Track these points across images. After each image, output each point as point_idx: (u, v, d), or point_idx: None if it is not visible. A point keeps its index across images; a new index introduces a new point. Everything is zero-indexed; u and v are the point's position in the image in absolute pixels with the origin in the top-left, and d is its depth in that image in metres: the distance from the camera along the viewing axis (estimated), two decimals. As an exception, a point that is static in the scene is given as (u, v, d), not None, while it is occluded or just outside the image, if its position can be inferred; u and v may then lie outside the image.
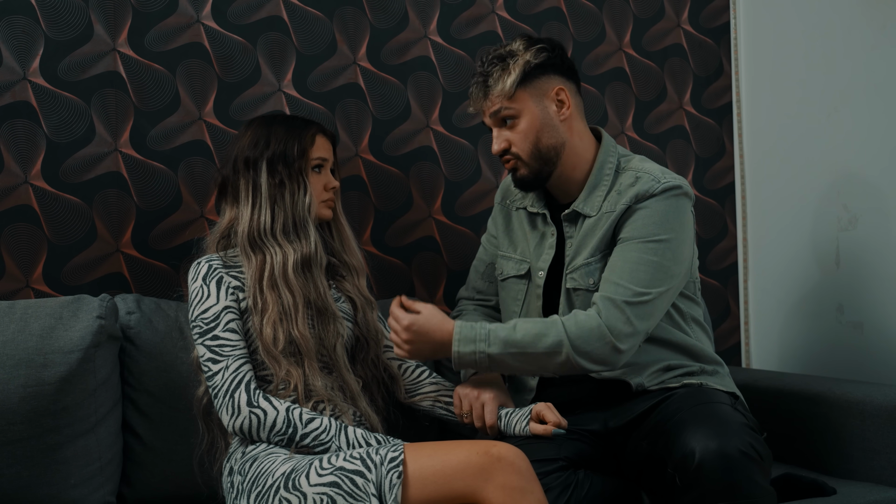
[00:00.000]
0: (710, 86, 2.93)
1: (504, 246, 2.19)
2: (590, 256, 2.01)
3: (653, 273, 1.93)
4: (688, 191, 2.02)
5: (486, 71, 2.03)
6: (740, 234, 2.94)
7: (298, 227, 1.94)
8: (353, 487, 1.64)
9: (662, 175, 2.01)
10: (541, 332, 1.88)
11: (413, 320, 1.90)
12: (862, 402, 2.20)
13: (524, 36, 2.08)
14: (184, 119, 2.35)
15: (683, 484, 1.71)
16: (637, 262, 1.93)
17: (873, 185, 2.52)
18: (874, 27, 2.50)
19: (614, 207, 2.00)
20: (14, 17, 2.22)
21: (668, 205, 1.98)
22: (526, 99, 2.01)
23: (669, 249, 1.96)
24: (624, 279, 1.92)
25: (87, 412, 2.00)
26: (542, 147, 2.02)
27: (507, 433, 1.95)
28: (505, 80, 2.00)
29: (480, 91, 2.03)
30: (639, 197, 1.98)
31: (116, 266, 2.28)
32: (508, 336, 1.88)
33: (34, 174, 2.22)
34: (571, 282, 2.02)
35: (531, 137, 2.02)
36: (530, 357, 1.89)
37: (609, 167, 2.06)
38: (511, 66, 2.00)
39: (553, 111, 2.03)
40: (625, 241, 1.97)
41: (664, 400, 1.91)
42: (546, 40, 2.06)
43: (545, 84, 2.03)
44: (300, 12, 2.47)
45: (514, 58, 2.01)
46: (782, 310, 2.81)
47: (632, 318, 1.89)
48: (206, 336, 1.86)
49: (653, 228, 1.96)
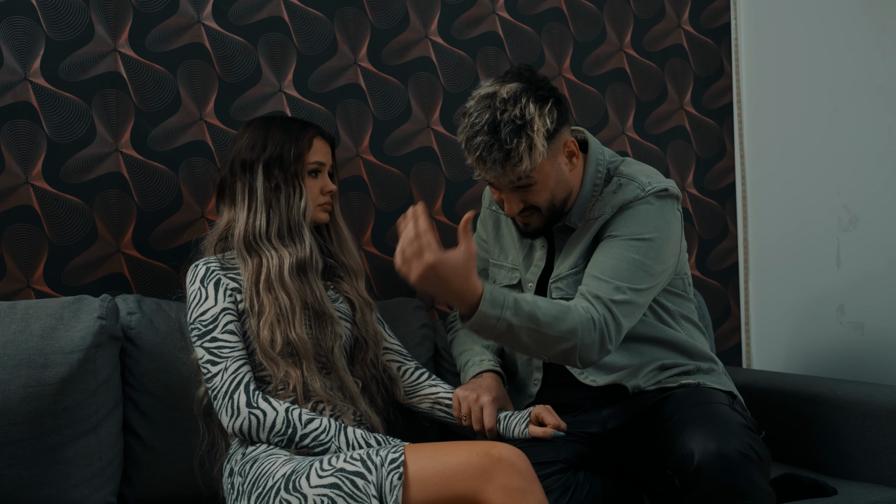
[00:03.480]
0: (711, 86, 2.93)
1: (495, 253, 2.19)
2: (574, 266, 2.00)
3: (633, 271, 1.91)
4: (674, 191, 2.00)
5: (503, 145, 1.85)
6: (741, 234, 2.94)
7: (293, 231, 1.94)
8: (353, 489, 1.64)
9: (647, 181, 1.99)
10: (559, 316, 1.80)
11: (440, 260, 1.66)
12: (863, 402, 2.20)
13: (526, 88, 1.90)
14: (184, 119, 2.35)
15: (683, 485, 1.71)
16: (619, 258, 1.91)
17: (874, 185, 2.52)
18: (874, 27, 2.50)
19: (598, 214, 1.99)
20: (15, 18, 2.22)
21: (652, 205, 1.97)
22: (544, 164, 1.92)
23: (652, 249, 1.94)
24: (606, 274, 1.90)
25: (87, 412, 2.00)
26: (557, 200, 1.98)
27: (506, 436, 1.95)
28: (532, 156, 1.87)
29: (498, 166, 1.87)
30: (623, 206, 1.97)
31: (117, 266, 2.28)
32: (532, 311, 1.77)
33: (35, 174, 2.23)
34: (557, 291, 2.01)
35: (546, 196, 1.96)
36: (542, 337, 1.79)
37: (599, 176, 2.04)
38: (534, 139, 1.86)
39: (564, 164, 1.96)
40: (609, 238, 1.95)
41: (662, 401, 1.92)
42: (543, 85, 1.92)
43: (558, 142, 1.94)
44: (301, 13, 2.47)
45: (533, 126, 1.87)
46: (783, 310, 2.81)
47: (618, 315, 1.86)
48: (204, 338, 1.86)
49: (637, 227, 1.94)
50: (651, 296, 1.96)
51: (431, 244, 1.66)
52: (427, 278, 1.67)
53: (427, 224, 1.67)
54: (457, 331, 2.24)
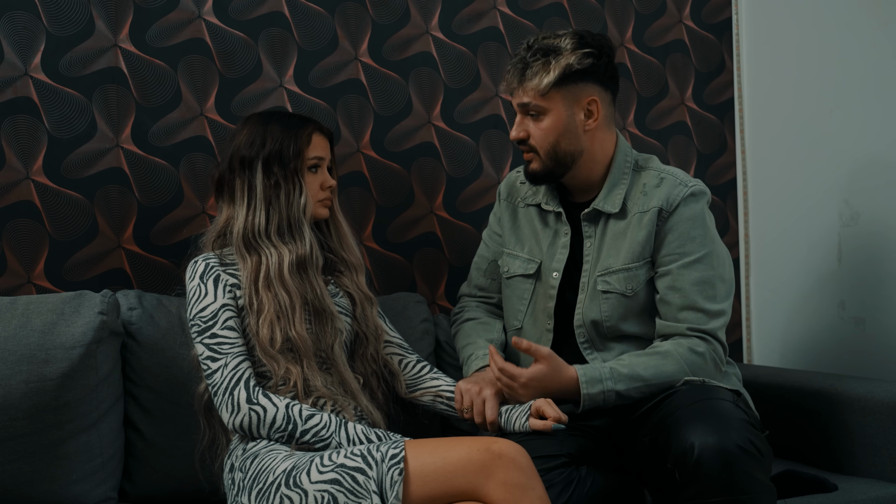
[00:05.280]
0: (712, 81, 2.93)
1: (510, 244, 2.19)
2: (632, 261, 2.02)
3: (717, 287, 1.99)
4: (707, 191, 2.07)
5: (526, 59, 2.00)
6: (742, 230, 2.94)
7: (293, 228, 1.94)
8: (354, 484, 1.64)
9: (686, 178, 2.05)
10: (659, 364, 1.94)
11: (532, 376, 1.91)
12: (864, 398, 2.20)
13: (576, 34, 2.02)
14: (185, 115, 2.35)
15: (683, 479, 1.71)
16: (700, 281, 1.98)
17: (875, 180, 2.51)
18: (875, 23, 2.50)
19: (645, 208, 2.02)
20: (16, 13, 2.21)
21: (700, 215, 2.03)
22: (558, 100, 2.00)
23: (717, 257, 2.02)
24: (693, 305, 1.97)
25: (88, 408, 2.00)
26: (560, 150, 2.03)
27: (507, 429, 1.95)
28: (542, 76, 1.97)
29: (516, 77, 2.01)
30: (670, 200, 2.01)
31: (118, 262, 2.28)
32: (631, 371, 1.92)
33: (36, 170, 2.22)
34: (604, 284, 2.02)
35: (551, 138, 2.02)
36: (653, 387, 1.93)
37: (627, 165, 2.07)
38: (553, 64, 1.97)
39: (580, 119, 2.02)
40: (677, 264, 2.00)
41: (666, 397, 1.92)
42: (597, 44, 2.01)
43: (580, 91, 2.01)
44: (301, 8, 2.47)
45: (558, 56, 1.98)
46: (784, 306, 2.81)
47: (721, 339, 1.99)
48: (204, 334, 1.86)
49: (698, 243, 2.00)
50: (731, 299, 2.04)
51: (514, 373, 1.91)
52: (531, 392, 1.92)
53: (501, 361, 1.93)
54: (461, 324, 2.24)
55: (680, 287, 1.98)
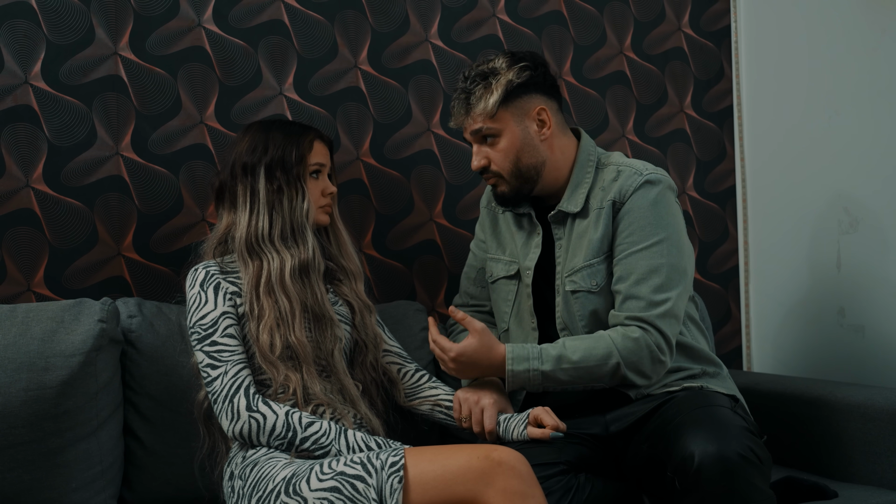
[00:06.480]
0: (711, 89, 2.93)
1: (493, 249, 2.20)
2: (592, 258, 2.01)
3: (666, 275, 1.95)
4: (670, 183, 2.04)
5: (468, 88, 2.02)
6: (741, 237, 2.94)
7: (296, 233, 1.94)
8: (353, 492, 1.64)
9: (643, 167, 2.04)
10: (590, 346, 1.92)
11: (461, 351, 1.93)
12: (863, 405, 2.20)
13: (507, 53, 2.06)
14: (185, 123, 2.36)
15: (683, 487, 1.71)
16: (647, 269, 1.95)
17: (874, 188, 2.52)
18: (875, 30, 2.50)
19: (602, 203, 2.02)
20: (16, 21, 2.22)
21: (654, 202, 1.99)
22: (507, 119, 2.01)
23: (672, 245, 1.97)
24: (636, 292, 1.94)
25: (88, 416, 2.00)
26: (522, 166, 2.04)
27: (505, 438, 1.95)
28: (487, 99, 2.00)
29: (462, 108, 2.04)
30: (623, 191, 2.00)
31: (118, 270, 2.29)
32: (560, 353, 1.92)
33: (36, 178, 2.23)
34: (571, 284, 2.02)
35: (511, 157, 2.03)
36: (581, 370, 1.92)
37: (590, 165, 2.08)
38: (493, 85, 2.00)
39: (534, 131, 2.03)
40: (626, 252, 1.98)
41: (664, 403, 1.92)
42: (529, 56, 2.05)
43: (526, 104, 2.02)
44: (301, 16, 2.47)
45: (497, 76, 2.01)
46: (783, 313, 2.81)
47: (662, 328, 1.93)
48: (204, 342, 1.86)
49: (648, 231, 1.97)
50: (687, 295, 2.00)
51: (445, 346, 1.94)
52: (461, 368, 1.95)
53: (436, 334, 1.96)
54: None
55: (626, 275, 1.97)
